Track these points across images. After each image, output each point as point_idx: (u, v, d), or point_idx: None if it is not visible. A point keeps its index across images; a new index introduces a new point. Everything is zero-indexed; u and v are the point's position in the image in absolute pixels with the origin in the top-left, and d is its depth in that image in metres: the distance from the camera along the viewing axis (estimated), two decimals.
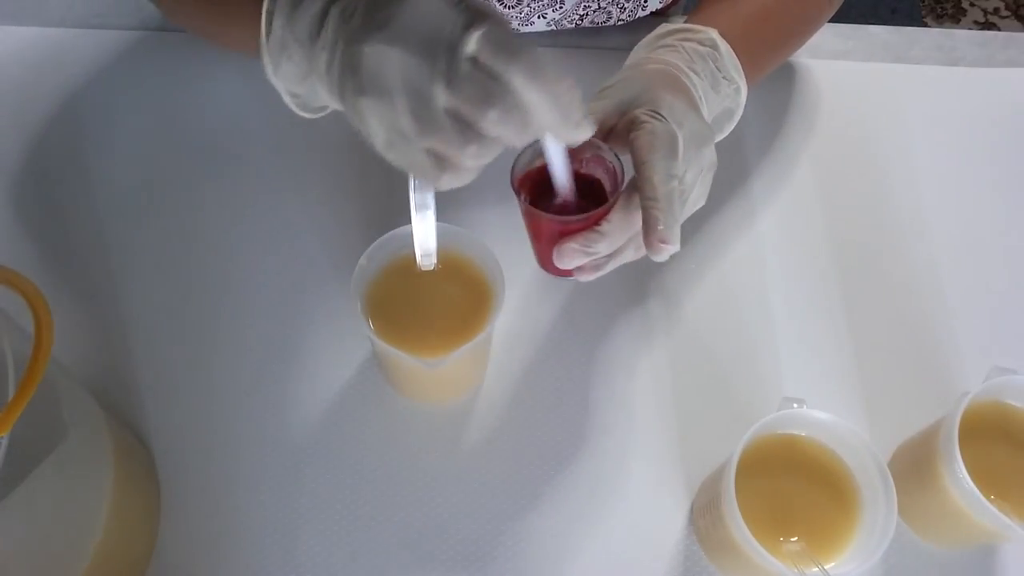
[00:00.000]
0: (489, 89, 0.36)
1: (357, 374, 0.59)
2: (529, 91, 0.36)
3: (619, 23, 0.71)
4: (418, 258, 0.51)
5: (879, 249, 0.65)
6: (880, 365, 0.61)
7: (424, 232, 0.50)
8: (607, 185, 0.48)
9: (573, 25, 0.70)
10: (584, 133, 0.40)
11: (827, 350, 0.61)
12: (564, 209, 0.46)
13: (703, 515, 0.53)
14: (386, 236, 0.51)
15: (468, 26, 0.35)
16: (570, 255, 0.45)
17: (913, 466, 0.53)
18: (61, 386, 0.45)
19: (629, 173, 0.46)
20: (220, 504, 0.55)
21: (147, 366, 0.59)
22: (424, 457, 0.57)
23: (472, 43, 0.35)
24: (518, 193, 0.46)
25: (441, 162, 0.38)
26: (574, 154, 0.47)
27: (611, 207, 0.45)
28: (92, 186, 0.66)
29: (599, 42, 0.73)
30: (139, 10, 0.74)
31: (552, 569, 0.54)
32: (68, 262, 0.63)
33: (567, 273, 0.48)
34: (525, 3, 0.65)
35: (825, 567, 0.44)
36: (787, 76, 0.73)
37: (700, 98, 0.51)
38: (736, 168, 0.68)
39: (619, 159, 0.47)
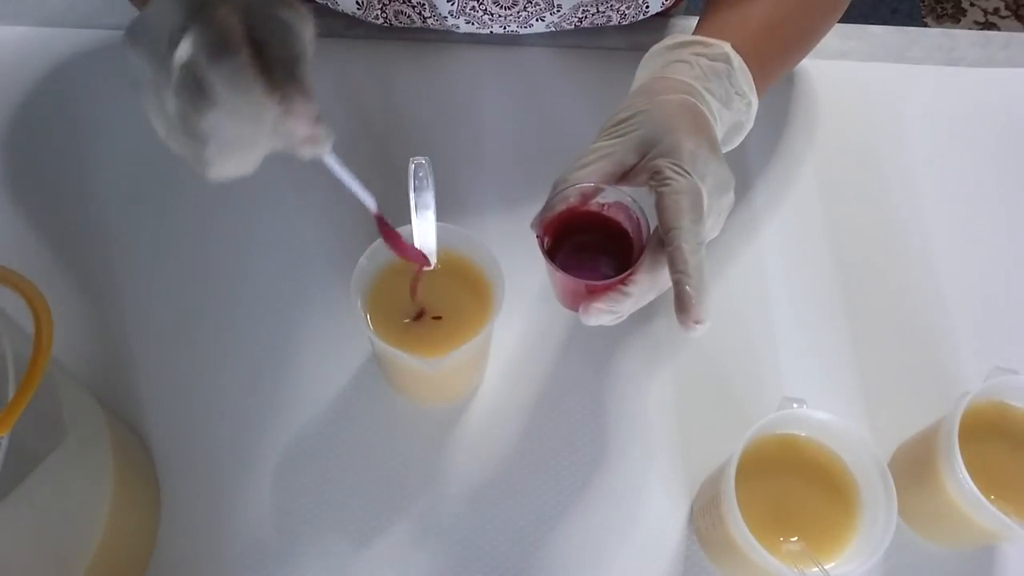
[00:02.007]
0: (196, 97, 0.35)
1: (357, 374, 0.59)
2: (231, 101, 0.36)
3: (620, 24, 0.71)
4: None
5: (879, 248, 0.65)
6: (880, 365, 0.61)
7: (424, 232, 0.50)
8: (630, 232, 0.48)
9: (572, 27, 0.70)
10: (315, 149, 0.40)
11: (827, 350, 0.61)
12: (584, 251, 0.46)
13: (703, 515, 0.53)
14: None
15: (183, 28, 0.35)
16: (596, 315, 0.44)
17: (913, 466, 0.53)
18: (61, 386, 0.45)
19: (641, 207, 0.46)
20: (220, 504, 0.55)
21: (147, 366, 0.59)
22: (424, 457, 0.57)
23: (183, 48, 0.35)
24: (541, 241, 0.46)
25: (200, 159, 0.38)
26: (592, 197, 0.47)
27: (638, 267, 0.44)
28: (92, 186, 0.66)
29: (599, 42, 0.73)
30: (139, 10, 0.74)
31: (552, 569, 0.54)
32: (68, 262, 0.63)
33: (575, 309, 0.48)
34: (521, 6, 0.65)
35: (825, 567, 0.45)
36: (787, 76, 0.73)
37: (715, 119, 0.50)
38: (736, 168, 0.67)
39: (642, 210, 0.46)
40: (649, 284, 0.44)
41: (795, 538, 0.48)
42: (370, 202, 0.45)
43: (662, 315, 0.62)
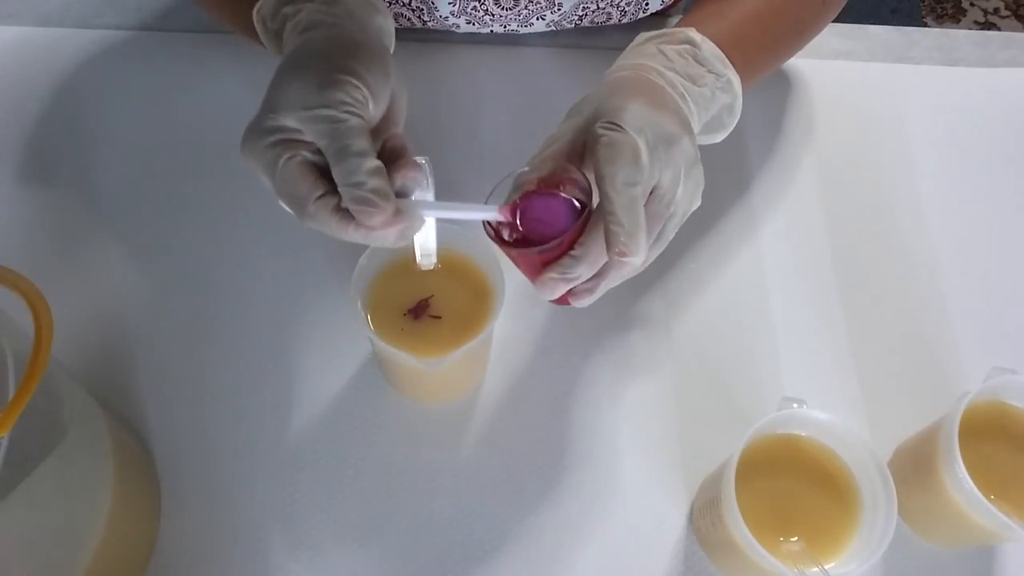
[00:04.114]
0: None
1: (357, 374, 0.59)
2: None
3: (620, 23, 0.71)
4: (418, 258, 0.51)
5: (879, 248, 0.65)
6: (880, 365, 0.61)
7: (424, 232, 0.50)
8: (583, 200, 0.46)
9: (572, 26, 0.70)
10: (411, 231, 0.42)
11: (827, 350, 0.61)
12: (542, 238, 0.45)
13: (703, 515, 0.53)
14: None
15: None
16: (551, 285, 0.44)
17: (913, 466, 0.53)
18: (61, 386, 0.45)
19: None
20: (220, 504, 0.55)
21: (147, 366, 0.59)
22: (424, 457, 0.57)
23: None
24: (490, 233, 0.45)
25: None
26: (551, 182, 0.46)
27: (581, 229, 0.44)
28: (91, 186, 0.66)
29: (599, 42, 0.73)
30: (138, 10, 0.74)
31: (552, 569, 0.54)
32: (68, 262, 0.63)
33: (564, 301, 0.47)
34: (523, 5, 0.65)
35: (825, 567, 0.45)
36: (788, 76, 0.73)
37: (683, 95, 0.50)
38: (736, 168, 0.68)
39: (586, 178, 0.45)
40: (597, 243, 0.43)
41: (795, 538, 0.48)
42: (491, 213, 0.44)
43: (662, 315, 0.62)
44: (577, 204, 0.46)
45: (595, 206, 0.44)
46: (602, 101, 0.46)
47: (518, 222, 0.44)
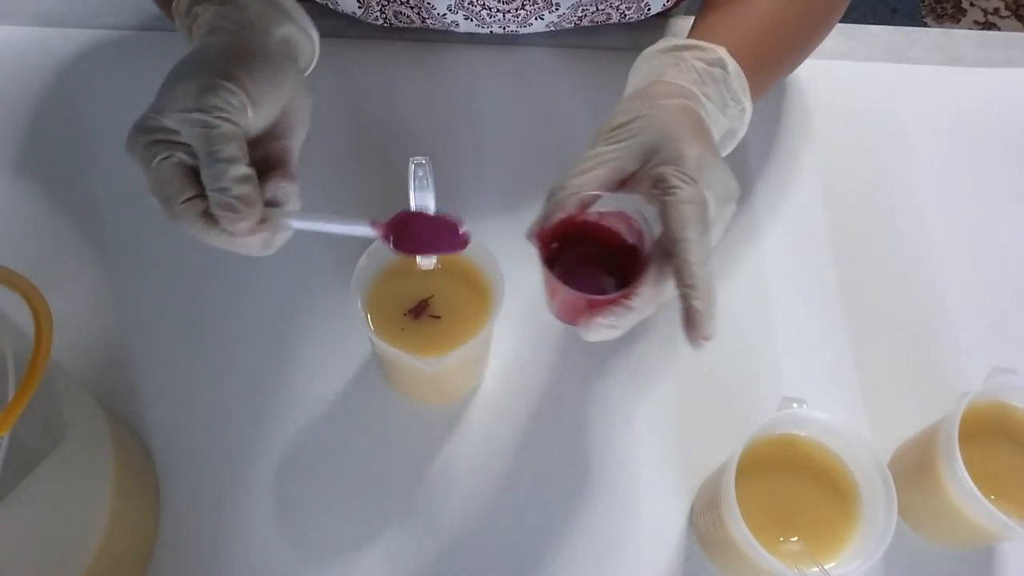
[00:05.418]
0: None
1: (357, 374, 0.59)
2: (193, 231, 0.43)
3: (620, 23, 0.71)
4: (418, 258, 0.51)
5: (879, 249, 0.65)
6: (880, 365, 0.61)
7: None
8: (631, 242, 0.46)
9: (572, 26, 0.70)
10: (277, 241, 0.43)
11: (827, 350, 0.61)
12: (581, 262, 0.45)
13: (703, 515, 0.53)
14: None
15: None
16: (598, 330, 0.43)
17: (913, 466, 0.53)
18: (61, 386, 0.45)
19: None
20: (220, 504, 0.55)
21: (147, 366, 0.59)
22: (424, 457, 0.57)
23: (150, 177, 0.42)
24: (541, 253, 0.44)
25: None
26: (591, 205, 0.45)
27: (642, 281, 0.43)
28: (91, 186, 0.65)
29: (599, 42, 0.73)
30: (139, 10, 0.74)
31: (552, 568, 0.54)
32: (68, 262, 0.62)
33: (577, 322, 0.46)
34: (520, 4, 0.65)
35: (825, 567, 0.45)
36: (788, 76, 0.73)
37: (712, 124, 0.49)
38: (736, 168, 0.67)
39: (645, 219, 0.44)
40: (653, 297, 0.43)
41: (795, 538, 0.48)
42: (365, 230, 0.43)
43: (663, 315, 0.62)
44: (623, 234, 0.45)
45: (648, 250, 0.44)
46: (662, 134, 0.45)
47: (391, 243, 0.43)
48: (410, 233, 0.43)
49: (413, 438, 0.57)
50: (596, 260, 0.47)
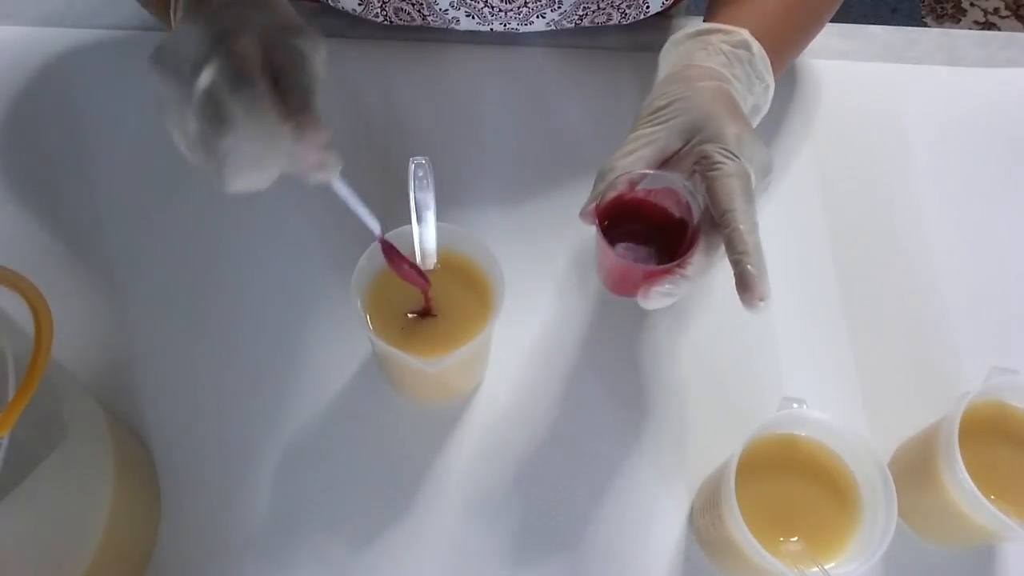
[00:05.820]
0: (216, 121, 0.38)
1: (357, 374, 0.59)
2: (248, 127, 0.38)
3: (620, 24, 0.71)
4: (418, 258, 0.51)
5: (879, 249, 0.65)
6: (880, 365, 0.61)
7: (424, 232, 0.50)
8: (679, 215, 0.49)
9: (573, 25, 0.70)
10: (324, 175, 0.42)
11: (827, 350, 0.61)
12: (632, 237, 0.49)
13: (703, 515, 0.53)
14: (386, 236, 0.51)
15: (204, 60, 0.37)
16: (655, 299, 0.46)
17: (913, 466, 0.53)
18: (61, 386, 0.45)
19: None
20: (220, 504, 0.55)
21: (147, 366, 0.59)
22: (424, 456, 0.57)
23: (205, 76, 0.37)
24: (600, 227, 0.47)
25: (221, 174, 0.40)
26: (639, 184, 0.48)
27: (695, 250, 0.46)
28: (92, 185, 0.66)
29: (599, 42, 0.73)
30: (139, 10, 0.74)
31: (552, 568, 0.54)
32: (68, 262, 0.63)
33: (632, 294, 0.48)
34: (522, 1, 0.65)
35: (825, 567, 0.44)
36: (787, 76, 0.73)
37: (743, 103, 0.51)
38: None
39: (692, 194, 0.47)
40: (704, 265, 0.46)
41: (795, 538, 0.48)
42: (375, 226, 0.47)
43: (663, 315, 0.62)
44: (671, 209, 0.49)
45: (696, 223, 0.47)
46: (703, 114, 0.48)
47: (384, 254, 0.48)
48: (392, 260, 0.49)
49: (413, 438, 0.57)
50: (641, 236, 0.50)
